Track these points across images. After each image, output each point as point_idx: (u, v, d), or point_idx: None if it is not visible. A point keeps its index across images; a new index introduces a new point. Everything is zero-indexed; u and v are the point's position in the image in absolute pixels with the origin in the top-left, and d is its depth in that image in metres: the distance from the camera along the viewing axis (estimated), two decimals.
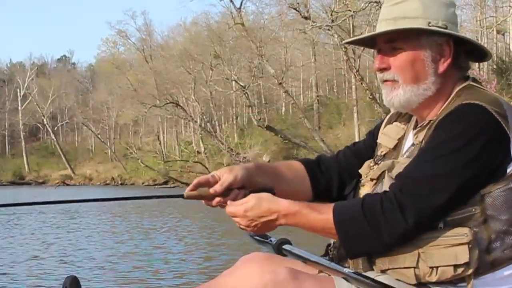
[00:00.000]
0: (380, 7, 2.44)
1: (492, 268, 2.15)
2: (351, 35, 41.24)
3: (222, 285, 2.49)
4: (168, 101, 56.17)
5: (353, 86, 47.91)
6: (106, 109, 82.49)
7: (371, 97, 30.08)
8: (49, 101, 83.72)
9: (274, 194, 2.39)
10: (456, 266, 2.12)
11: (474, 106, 2.18)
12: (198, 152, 58.54)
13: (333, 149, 44.10)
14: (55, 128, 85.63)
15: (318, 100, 55.33)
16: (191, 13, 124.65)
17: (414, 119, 2.49)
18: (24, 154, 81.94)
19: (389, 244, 2.14)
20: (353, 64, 30.71)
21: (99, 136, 78.89)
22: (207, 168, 49.86)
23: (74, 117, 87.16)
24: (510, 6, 27.93)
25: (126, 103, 70.71)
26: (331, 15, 28.56)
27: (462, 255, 2.11)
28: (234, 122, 64.07)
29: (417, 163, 2.18)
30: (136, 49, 75.28)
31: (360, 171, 2.59)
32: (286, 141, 47.30)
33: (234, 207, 2.36)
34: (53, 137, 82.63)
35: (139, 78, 69.22)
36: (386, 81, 2.39)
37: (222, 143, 50.99)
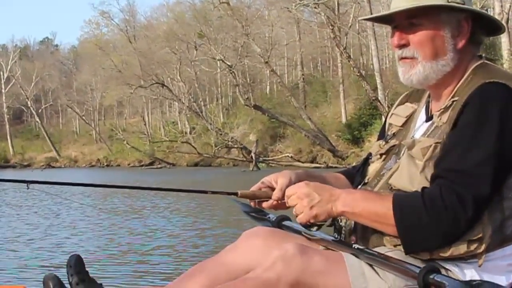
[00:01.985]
0: None
1: (501, 244, 2.19)
2: (337, 13, 41.29)
3: (228, 260, 2.50)
4: (154, 82, 55.95)
5: (339, 64, 47.88)
6: (90, 91, 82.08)
7: (358, 74, 30.06)
8: (32, 84, 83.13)
9: None
10: (469, 242, 2.15)
11: (498, 86, 2.20)
12: (184, 132, 58.41)
13: (320, 127, 44.21)
14: (39, 111, 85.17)
15: (303, 78, 55.28)
16: None
17: (425, 96, 2.51)
18: (8, 137, 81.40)
19: (449, 235, 2.15)
20: (340, 42, 30.62)
21: (83, 117, 78.54)
22: (195, 148, 49.75)
23: (58, 99, 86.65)
24: None
25: (111, 84, 70.42)
26: None
27: (477, 231, 2.15)
28: (220, 102, 63.92)
29: (461, 151, 2.18)
30: (120, 30, 74.86)
31: (370, 150, 2.63)
32: (273, 120, 47.31)
33: (295, 186, 2.37)
34: (38, 119, 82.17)
35: (123, 59, 68.86)
36: (404, 58, 2.38)
37: (210, 123, 50.90)
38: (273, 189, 2.51)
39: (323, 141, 42.11)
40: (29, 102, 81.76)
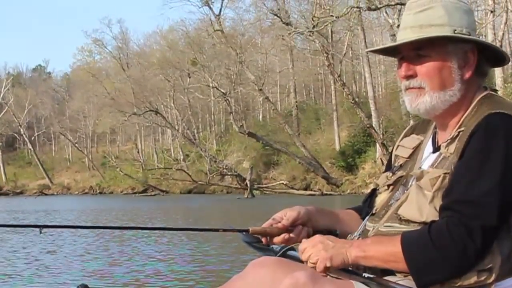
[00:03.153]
0: (360, 13, 2.43)
1: (510, 273, 2.20)
2: (330, 40, 41.54)
3: None
4: (148, 109, 56.01)
5: (332, 92, 48.05)
6: (83, 118, 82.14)
7: (353, 102, 30.18)
8: (25, 111, 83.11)
9: (337, 235, 2.46)
10: (479, 272, 2.16)
11: (503, 116, 2.22)
12: (178, 160, 58.43)
13: (314, 154, 44.26)
14: (32, 138, 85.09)
15: (296, 105, 55.46)
16: (167, 20, 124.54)
17: (431, 128, 2.53)
18: (1, 164, 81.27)
19: (460, 268, 2.16)
20: (334, 69, 30.78)
21: (76, 145, 78.50)
22: (190, 175, 49.70)
23: (51, 127, 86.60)
24: (486, 10, 28.20)
25: (103, 111, 70.47)
26: (313, 20, 28.62)
27: (486, 261, 2.16)
28: (213, 129, 64.05)
29: (467, 182, 2.19)
30: (113, 57, 75.08)
31: (377, 181, 2.63)
32: (267, 147, 47.35)
33: (310, 239, 2.39)
34: (30, 146, 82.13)
35: (116, 86, 69.05)
36: (411, 88, 2.40)
37: (205, 151, 50.94)
38: (283, 227, 2.55)
39: (317, 168, 42.16)
40: (21, 130, 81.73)
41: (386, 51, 2.60)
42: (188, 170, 51.92)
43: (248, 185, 41.44)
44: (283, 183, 43.99)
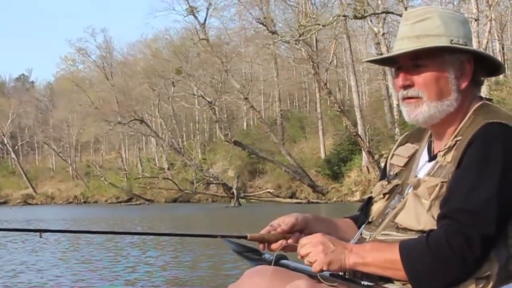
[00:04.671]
0: (346, 21, 2.45)
1: (507, 281, 2.21)
2: (315, 49, 41.63)
3: None
4: (133, 118, 55.89)
5: (317, 100, 48.10)
6: (66, 127, 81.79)
7: (339, 110, 30.25)
8: (9, 121, 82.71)
9: None
10: (477, 280, 2.18)
11: (500, 126, 2.25)
12: (162, 168, 58.30)
13: (299, 162, 44.30)
14: (16, 147, 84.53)
15: (281, 114, 55.53)
16: (151, 30, 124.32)
17: (426, 136, 2.55)
18: None
19: (459, 276, 2.18)
20: (320, 78, 30.85)
21: (60, 154, 78.15)
22: (176, 184, 49.61)
23: (35, 136, 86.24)
24: (470, 18, 28.38)
25: (87, 120, 70.26)
26: (299, 28, 28.68)
27: (484, 269, 2.18)
28: (197, 138, 63.97)
29: (465, 191, 2.21)
30: (96, 66, 74.89)
31: (373, 190, 2.65)
32: (252, 156, 47.34)
33: (311, 236, 2.39)
34: (14, 156, 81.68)
35: (100, 95, 68.84)
36: (409, 98, 2.42)
37: (191, 159, 50.86)
38: (282, 232, 2.54)
39: (302, 176, 42.20)
40: (5, 139, 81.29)
41: (382, 61, 2.62)
42: (174, 179, 51.82)
43: (235, 193, 41.41)
44: (269, 192, 43.98)
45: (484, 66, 2.43)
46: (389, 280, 2.29)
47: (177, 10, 55.55)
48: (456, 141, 2.32)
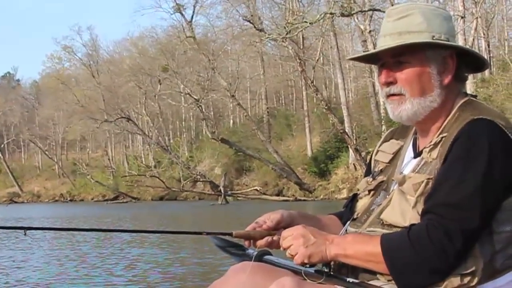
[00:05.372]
0: (333, 19, 2.44)
1: (492, 276, 2.22)
2: (302, 47, 41.68)
3: None
4: (119, 116, 55.80)
5: (304, 98, 48.15)
6: (52, 126, 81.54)
7: (326, 107, 30.27)
8: None
9: None
10: (462, 276, 2.18)
11: (485, 122, 2.25)
12: (149, 166, 58.23)
13: (286, 160, 44.33)
14: (1, 146, 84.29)
15: (268, 112, 55.56)
16: (137, 27, 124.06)
17: (411, 133, 2.55)
18: None
19: (440, 270, 2.18)
20: (307, 75, 30.86)
21: (46, 152, 77.90)
22: (163, 182, 49.56)
23: (20, 134, 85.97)
24: (457, 16, 28.50)
25: (73, 119, 70.07)
26: (286, 26, 28.66)
27: (469, 265, 2.18)
28: (184, 135, 63.92)
29: (449, 186, 2.21)
30: (82, 64, 74.67)
31: (357, 186, 2.65)
32: (239, 153, 47.32)
33: (292, 228, 2.40)
34: (0, 154, 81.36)
35: (86, 93, 68.65)
36: (392, 95, 2.42)
37: (178, 157, 50.81)
38: (267, 228, 2.54)
39: (289, 174, 42.23)
40: None
41: (366, 59, 2.62)
42: (161, 176, 51.78)
43: (222, 191, 41.40)
44: (256, 189, 43.98)
45: (468, 62, 2.43)
46: (374, 276, 2.29)
47: (164, 7, 55.86)
48: (442, 137, 2.32)
